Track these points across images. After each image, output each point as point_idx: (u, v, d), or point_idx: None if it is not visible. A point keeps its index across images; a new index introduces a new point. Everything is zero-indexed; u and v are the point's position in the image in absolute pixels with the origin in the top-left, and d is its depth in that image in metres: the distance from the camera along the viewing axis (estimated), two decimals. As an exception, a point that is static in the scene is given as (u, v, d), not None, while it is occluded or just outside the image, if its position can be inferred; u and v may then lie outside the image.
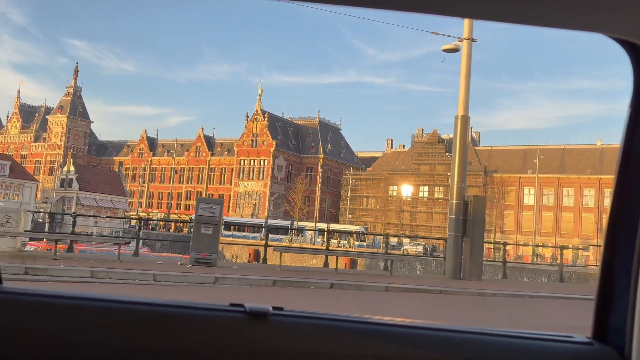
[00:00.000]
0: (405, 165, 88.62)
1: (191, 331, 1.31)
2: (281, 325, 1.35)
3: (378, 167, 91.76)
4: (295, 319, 1.37)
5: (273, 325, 1.34)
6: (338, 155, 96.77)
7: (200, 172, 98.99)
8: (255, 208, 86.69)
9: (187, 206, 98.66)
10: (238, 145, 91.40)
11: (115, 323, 1.29)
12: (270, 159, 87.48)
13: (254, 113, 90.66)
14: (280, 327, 1.35)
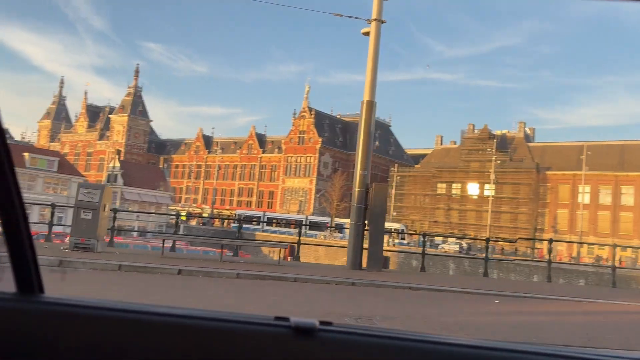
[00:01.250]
0: (455, 162, 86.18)
1: (229, 346, 1.23)
2: (329, 342, 1.23)
3: (426, 164, 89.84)
4: (344, 335, 1.24)
5: (320, 342, 1.22)
6: (386, 152, 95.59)
7: (252, 169, 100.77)
8: (301, 204, 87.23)
9: (239, 202, 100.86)
10: (285, 143, 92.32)
11: (153, 335, 1.24)
12: (316, 156, 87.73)
13: (301, 110, 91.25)
14: (328, 343, 1.22)
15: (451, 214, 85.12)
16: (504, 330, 6.57)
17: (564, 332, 6.77)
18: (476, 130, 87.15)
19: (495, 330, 6.48)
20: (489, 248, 59.40)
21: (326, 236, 67.05)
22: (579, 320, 8.12)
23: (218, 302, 7.57)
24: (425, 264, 55.29)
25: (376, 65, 13.57)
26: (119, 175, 64.05)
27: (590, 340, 6.35)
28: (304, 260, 62.43)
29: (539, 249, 71.42)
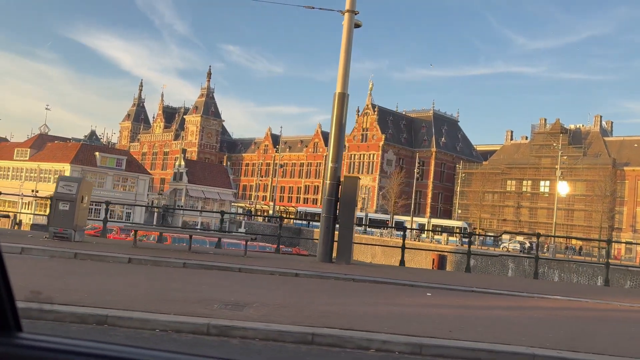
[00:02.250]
0: (525, 158, 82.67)
1: None
2: None
3: (495, 160, 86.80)
4: None
5: None
6: (453, 149, 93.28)
7: (318, 167, 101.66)
8: (364, 202, 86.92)
9: (305, 200, 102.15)
10: (349, 140, 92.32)
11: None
12: (379, 153, 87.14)
13: (364, 107, 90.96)
14: None
15: (521, 212, 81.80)
16: (369, 320, 6.43)
17: (433, 323, 6.51)
18: (548, 125, 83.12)
19: (352, 318, 6.38)
20: (553, 247, 56.58)
21: (382, 234, 66.54)
22: (487, 314, 7.73)
23: (120, 285, 7.88)
24: (483, 263, 53.47)
25: (349, 57, 13.43)
26: (184, 173, 66.78)
27: (450, 332, 6.09)
28: (361, 259, 62.29)
29: (592, 247, 67.40)
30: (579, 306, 9.33)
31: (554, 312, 8.53)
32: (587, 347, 5.87)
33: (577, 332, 6.82)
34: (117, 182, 60.42)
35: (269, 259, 13.00)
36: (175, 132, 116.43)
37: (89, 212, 51.71)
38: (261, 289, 8.50)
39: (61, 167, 57.01)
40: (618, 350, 5.84)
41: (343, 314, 6.76)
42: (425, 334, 5.90)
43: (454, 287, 10.43)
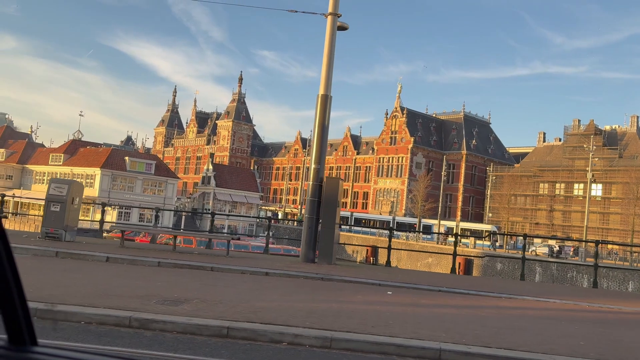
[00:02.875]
0: (558, 160, 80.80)
1: None
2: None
3: (527, 162, 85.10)
4: None
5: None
6: (485, 151, 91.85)
7: (347, 170, 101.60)
8: (393, 205, 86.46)
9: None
10: (377, 143, 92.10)
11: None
12: (408, 156, 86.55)
13: (393, 110, 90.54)
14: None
15: (554, 215, 79.95)
16: (300, 315, 6.55)
17: (363, 319, 6.58)
18: (582, 126, 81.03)
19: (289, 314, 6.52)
20: (583, 251, 55.03)
21: (408, 237, 66.02)
22: (432, 311, 7.72)
23: (75, 281, 8.21)
24: (510, 267, 52.20)
25: (332, 60, 13.54)
26: (212, 177, 67.93)
27: (373, 327, 6.16)
28: (382, 260, 61.32)
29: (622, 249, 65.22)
30: (539, 306, 9.19)
31: (505, 310, 8.46)
32: (502, 343, 5.85)
33: (506, 329, 6.78)
34: (147, 186, 61.80)
35: (251, 259, 13.21)
36: (208, 137, 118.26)
37: (120, 216, 52.62)
38: (216, 287, 8.71)
39: (92, 171, 58.72)
40: (533, 346, 5.80)
41: (276, 310, 6.89)
42: (344, 329, 5.98)
43: (423, 287, 10.42)
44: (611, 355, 5.75)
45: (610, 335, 6.86)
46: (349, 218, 77.23)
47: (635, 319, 8.74)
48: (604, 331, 7.21)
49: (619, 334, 6.98)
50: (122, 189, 60.05)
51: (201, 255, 12.71)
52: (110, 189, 59.16)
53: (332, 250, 13.10)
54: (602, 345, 6.16)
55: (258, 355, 5.40)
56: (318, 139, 13.43)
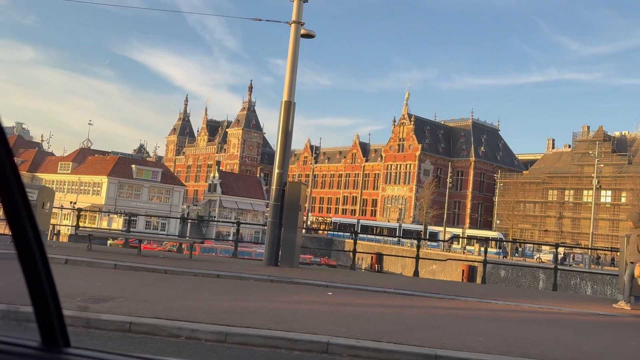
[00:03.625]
0: (567, 167, 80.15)
1: None
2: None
3: (536, 169, 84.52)
4: None
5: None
6: (494, 158, 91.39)
7: (356, 177, 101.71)
8: (401, 212, 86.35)
9: (344, 210, 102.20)
10: (385, 151, 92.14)
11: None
12: (415, 163, 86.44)
13: (401, 117, 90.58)
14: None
15: (563, 222, 79.19)
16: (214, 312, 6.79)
17: (276, 316, 6.80)
18: (591, 132, 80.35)
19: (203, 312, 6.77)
20: (588, 258, 54.40)
21: (412, 244, 65.77)
22: (355, 310, 7.90)
23: (7, 281, 8.51)
24: (514, 275, 51.77)
25: (295, 67, 13.81)
26: (218, 184, 68.57)
27: (277, 323, 6.37)
28: (392, 270, 61.86)
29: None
30: (475, 307, 9.31)
31: (435, 310, 8.59)
32: (399, 339, 6.02)
33: (419, 327, 6.94)
34: (153, 194, 62.53)
35: (213, 263, 13.48)
36: (218, 145, 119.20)
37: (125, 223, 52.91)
38: (154, 287, 8.98)
39: (99, 179, 59.60)
40: (428, 341, 5.96)
41: (194, 308, 7.13)
42: (247, 325, 6.20)
43: (370, 289, 10.59)
44: (496, 348, 5.91)
45: (517, 332, 6.98)
46: (356, 225, 77.27)
47: (561, 318, 8.83)
48: (515, 328, 7.34)
49: (525, 331, 7.10)
50: (129, 197, 60.82)
51: (164, 259, 13.01)
52: (117, 196, 59.95)
53: (294, 254, 13.31)
54: (497, 340, 6.31)
55: (152, 347, 5.65)
56: (282, 145, 13.69)
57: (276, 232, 13.32)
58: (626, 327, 8.86)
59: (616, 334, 8.01)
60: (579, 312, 9.76)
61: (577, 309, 10.02)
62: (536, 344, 6.32)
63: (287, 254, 13.20)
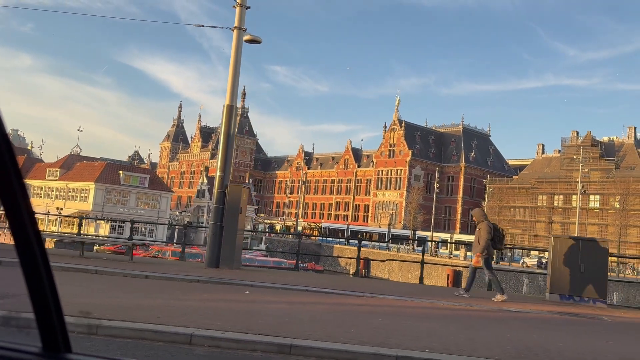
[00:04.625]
0: (556, 171, 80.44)
1: None
2: None
3: (525, 174, 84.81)
4: None
5: None
6: (484, 163, 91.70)
7: (348, 183, 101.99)
8: (392, 218, 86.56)
9: (336, 216, 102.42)
10: (376, 156, 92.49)
11: None
12: (406, 169, 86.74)
13: (392, 123, 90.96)
14: None
15: (553, 227, 79.39)
16: (100, 309, 7.03)
17: (164, 312, 7.04)
18: (580, 137, 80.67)
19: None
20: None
21: (399, 249, 66.09)
22: (255, 307, 8.14)
23: None
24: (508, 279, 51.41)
25: (237, 72, 14.10)
26: (206, 190, 68.84)
27: (158, 317, 6.61)
28: (379, 274, 61.94)
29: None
30: (385, 304, 9.53)
31: (339, 307, 8.83)
32: (267, 331, 6.24)
33: (306, 321, 7.14)
34: (141, 200, 62.71)
35: (153, 265, 13.72)
36: (212, 152, 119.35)
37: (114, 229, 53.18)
38: (63, 286, 9.19)
39: (87, 185, 59.83)
40: (296, 333, 6.19)
41: (84, 304, 7.36)
42: (131, 319, 6.45)
43: (294, 287, 10.82)
44: (357, 339, 6.14)
45: (398, 326, 7.22)
46: (346, 231, 77.48)
47: (456, 314, 9.06)
48: (402, 322, 7.57)
49: (407, 324, 7.35)
50: (117, 203, 60.99)
51: (105, 261, 13.25)
52: (104, 202, 60.13)
53: (234, 255, 13.55)
54: (369, 333, 6.53)
55: (19, 340, 5.88)
56: (223, 148, 13.97)
57: (217, 234, 13.56)
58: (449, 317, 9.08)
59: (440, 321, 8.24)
60: (490, 309, 9.99)
61: (491, 307, 10.25)
62: (404, 335, 6.55)
63: (227, 256, 13.44)
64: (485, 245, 11.56)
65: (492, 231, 11.66)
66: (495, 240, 11.75)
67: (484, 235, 11.61)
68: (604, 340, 7.65)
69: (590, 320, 9.70)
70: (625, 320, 10.13)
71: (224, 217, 13.53)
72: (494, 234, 11.70)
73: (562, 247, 12.47)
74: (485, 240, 11.56)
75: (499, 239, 11.84)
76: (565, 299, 12.30)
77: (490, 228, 11.68)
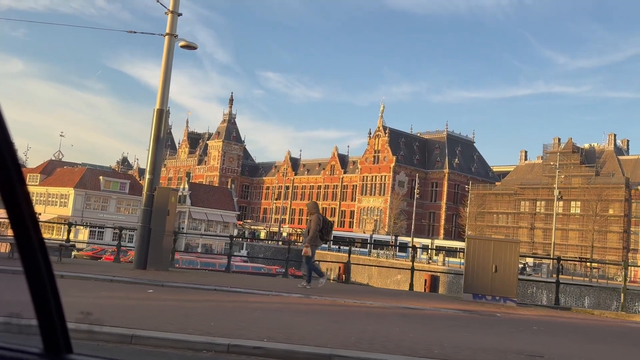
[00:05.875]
0: (538, 178, 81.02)
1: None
2: None
3: (508, 181, 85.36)
4: None
5: None
6: (468, 170, 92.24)
7: (334, 189, 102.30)
8: (376, 224, 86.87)
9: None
10: (361, 162, 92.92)
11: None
12: (390, 175, 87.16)
13: (376, 129, 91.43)
14: None
15: (535, 233, 79.95)
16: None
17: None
18: (562, 144, 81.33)
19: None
20: (546, 267, 54.68)
21: (379, 254, 66.37)
22: (147, 303, 8.45)
23: None
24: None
25: (168, 77, 14.42)
26: (187, 196, 69.08)
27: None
28: (359, 280, 62.21)
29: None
30: (271, 300, 9.86)
31: (227, 303, 9.14)
32: (128, 324, 6.51)
33: (181, 315, 7.46)
34: (121, 206, 62.79)
35: (78, 265, 14.00)
36: (199, 157, 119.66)
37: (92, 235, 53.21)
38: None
39: (66, 191, 59.90)
40: (162, 326, 6.47)
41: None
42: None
43: (204, 287, 11.12)
44: (217, 331, 6.43)
45: (262, 319, 7.51)
46: (328, 236, 77.56)
47: (357, 310, 9.37)
48: (267, 316, 7.87)
49: (273, 318, 7.65)
50: (97, 209, 61.05)
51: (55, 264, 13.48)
52: (84, 208, 60.20)
53: (162, 257, 13.82)
54: (228, 325, 6.80)
55: None
56: (153, 151, 14.25)
57: (145, 236, 13.83)
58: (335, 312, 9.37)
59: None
60: (379, 305, 10.29)
61: (383, 304, 10.55)
62: (261, 327, 6.84)
63: (155, 257, 13.70)
64: (314, 236, 12.35)
65: (321, 223, 12.48)
66: (323, 232, 12.59)
67: (313, 226, 12.41)
68: (467, 333, 7.95)
69: (481, 317, 10.00)
70: (516, 317, 10.44)
71: (152, 220, 13.80)
72: (322, 226, 12.51)
73: (476, 248, 12.79)
74: (314, 231, 12.32)
75: (327, 231, 12.72)
76: (478, 298, 12.61)
77: (319, 220, 12.48)
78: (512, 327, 9.06)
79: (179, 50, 15.62)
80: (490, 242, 13.00)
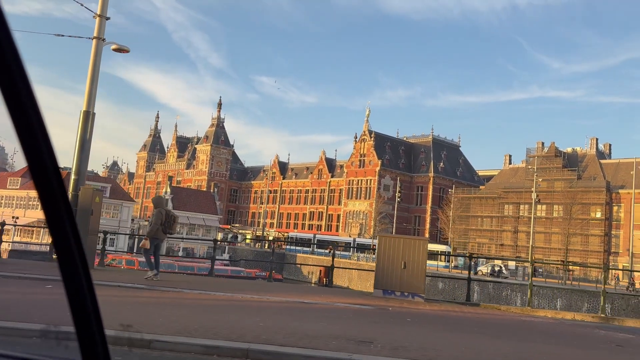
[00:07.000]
0: (522, 182, 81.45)
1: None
2: None
3: (492, 184, 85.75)
4: None
5: None
6: (453, 174, 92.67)
7: (322, 193, 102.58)
8: (362, 227, 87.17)
9: (310, 226, 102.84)
10: (347, 166, 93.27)
11: None
12: (375, 179, 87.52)
13: (362, 134, 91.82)
14: None
15: (519, 236, 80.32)
16: None
17: None
18: (545, 148, 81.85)
19: None
20: (522, 270, 55.17)
21: (359, 257, 66.65)
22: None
23: None
24: (450, 287, 52.59)
25: (96, 79, 14.72)
26: (169, 200, 69.30)
27: None
28: (339, 283, 62.39)
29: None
30: (198, 297, 10.16)
31: (144, 299, 9.46)
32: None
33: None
34: (102, 209, 62.87)
35: (8, 265, 14.26)
36: (188, 161, 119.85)
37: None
38: None
39: (47, 194, 59.96)
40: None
41: None
42: None
43: (119, 284, 11.40)
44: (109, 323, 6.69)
45: (174, 313, 7.81)
46: (312, 239, 77.94)
47: (247, 305, 9.65)
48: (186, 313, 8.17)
49: (185, 313, 7.96)
50: None
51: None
52: (64, 211, 60.25)
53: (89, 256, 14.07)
54: (138, 318, 7.05)
55: None
56: (79, 152, 14.53)
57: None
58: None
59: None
60: (279, 300, 10.57)
61: (282, 299, 10.83)
62: (170, 320, 7.08)
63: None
64: (154, 230, 12.64)
65: (163, 217, 12.70)
66: (165, 226, 12.80)
67: (154, 220, 12.71)
68: (330, 324, 8.21)
69: (373, 311, 10.28)
70: (407, 311, 10.70)
71: (76, 219, 14.06)
72: (165, 220, 12.73)
73: (386, 246, 13.08)
74: (154, 224, 12.64)
75: (169, 225, 12.84)
76: (387, 293, 12.90)
77: (161, 215, 12.71)
78: (387, 319, 9.32)
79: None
80: (399, 240, 13.28)
